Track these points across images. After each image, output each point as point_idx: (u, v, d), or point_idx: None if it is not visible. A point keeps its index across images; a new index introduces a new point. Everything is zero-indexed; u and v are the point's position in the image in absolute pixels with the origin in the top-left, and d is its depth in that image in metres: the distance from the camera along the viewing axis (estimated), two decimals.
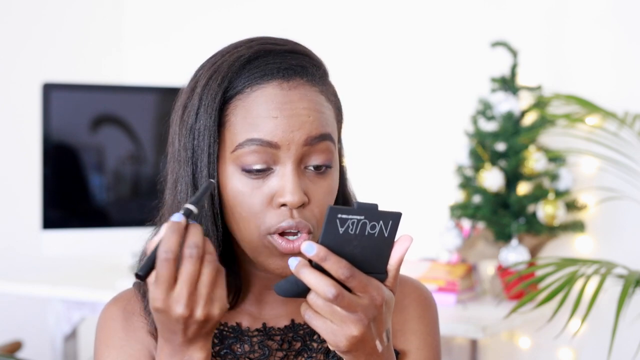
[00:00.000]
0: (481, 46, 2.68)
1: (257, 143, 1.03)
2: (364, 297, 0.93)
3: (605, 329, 2.09)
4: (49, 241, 2.68)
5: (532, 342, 2.71)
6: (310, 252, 0.91)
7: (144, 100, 2.77)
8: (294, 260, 0.93)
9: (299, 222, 1.03)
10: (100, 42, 3.50)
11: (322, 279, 0.91)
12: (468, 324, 2.14)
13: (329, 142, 1.06)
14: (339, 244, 0.92)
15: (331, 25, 3.07)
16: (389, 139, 2.98)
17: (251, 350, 1.10)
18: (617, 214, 2.57)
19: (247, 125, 1.04)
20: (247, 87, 1.05)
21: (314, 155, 1.05)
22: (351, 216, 0.91)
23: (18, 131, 3.18)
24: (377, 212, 0.93)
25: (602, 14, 2.66)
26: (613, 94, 2.57)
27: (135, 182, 2.77)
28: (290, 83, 1.05)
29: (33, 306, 3.09)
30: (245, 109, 1.04)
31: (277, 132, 1.03)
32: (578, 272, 1.85)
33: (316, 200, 1.05)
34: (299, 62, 1.07)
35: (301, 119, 1.04)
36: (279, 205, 1.03)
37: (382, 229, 0.93)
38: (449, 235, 2.46)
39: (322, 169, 1.06)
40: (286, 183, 1.03)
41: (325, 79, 1.10)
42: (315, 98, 1.06)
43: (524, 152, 2.46)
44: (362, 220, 0.92)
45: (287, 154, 1.03)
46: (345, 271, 0.91)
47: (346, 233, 0.92)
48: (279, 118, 1.03)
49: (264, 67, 1.05)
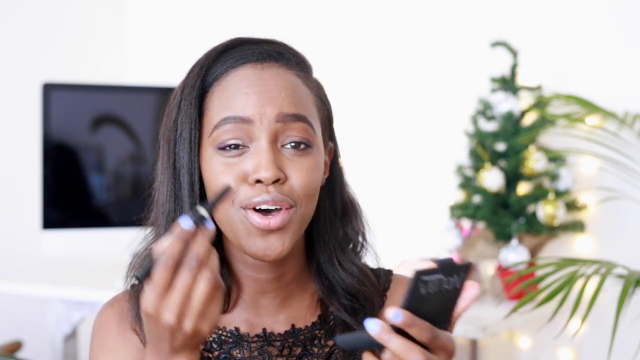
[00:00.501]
0: (481, 46, 2.68)
1: (230, 121, 1.03)
2: (440, 354, 0.90)
3: (605, 329, 2.09)
4: (49, 241, 2.68)
5: (532, 342, 2.71)
6: (397, 319, 0.88)
7: (144, 100, 2.77)
8: (376, 324, 0.88)
9: (276, 196, 1.02)
10: (100, 42, 3.50)
11: (412, 348, 0.88)
12: (468, 324, 2.13)
13: (305, 124, 1.05)
14: (419, 305, 0.90)
15: (331, 26, 3.07)
16: (389, 139, 2.98)
17: (250, 356, 1.09)
18: (617, 214, 2.57)
19: (222, 107, 1.04)
20: (223, 72, 1.06)
21: (290, 133, 1.04)
22: (432, 277, 0.90)
23: (18, 131, 3.18)
24: (453, 267, 0.91)
25: (602, 14, 2.66)
26: (613, 94, 2.57)
27: (135, 182, 2.77)
28: (264, 64, 1.06)
29: (33, 306, 3.09)
30: (221, 92, 1.05)
31: (247, 107, 1.03)
32: (578, 272, 1.85)
33: (296, 177, 1.04)
34: (274, 48, 1.08)
35: (272, 94, 1.04)
36: (254, 181, 1.02)
37: (455, 282, 0.92)
38: (449, 235, 2.46)
39: (300, 146, 1.05)
40: (261, 159, 1.02)
41: (307, 70, 1.10)
42: (289, 78, 1.07)
43: (524, 152, 2.46)
44: (440, 277, 0.90)
45: (260, 128, 1.03)
46: (429, 334, 0.89)
47: (427, 293, 0.90)
48: (249, 94, 1.04)
49: (239, 53, 1.07)
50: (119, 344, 1.10)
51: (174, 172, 1.07)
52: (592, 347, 2.59)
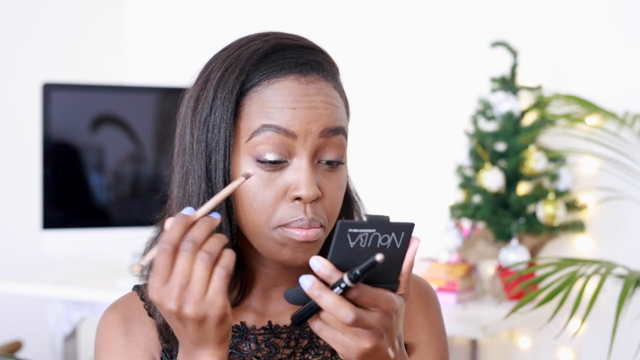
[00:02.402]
0: (481, 46, 2.68)
1: (273, 130, 1.02)
2: (375, 310, 0.92)
3: (605, 329, 2.09)
4: (49, 241, 2.68)
5: (532, 342, 2.71)
6: (315, 267, 0.91)
7: (144, 100, 2.77)
8: (307, 280, 0.91)
9: (312, 220, 1.02)
10: (100, 42, 3.50)
11: (339, 304, 0.90)
12: (468, 324, 2.13)
13: (342, 135, 1.06)
14: (349, 258, 0.90)
15: (331, 26, 3.07)
16: (389, 138, 2.98)
17: (258, 348, 1.10)
18: (617, 214, 2.57)
19: (263, 114, 1.03)
20: (264, 79, 1.04)
21: (328, 150, 1.05)
22: (362, 230, 0.90)
23: (18, 131, 3.18)
24: (389, 225, 0.91)
25: (602, 14, 2.66)
26: (613, 94, 2.58)
27: (135, 182, 2.77)
28: (307, 77, 1.05)
29: (33, 306, 3.09)
30: (262, 100, 1.04)
31: (294, 122, 1.02)
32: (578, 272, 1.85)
33: (328, 195, 1.05)
34: (315, 57, 1.07)
35: (318, 112, 1.04)
36: (293, 198, 1.02)
37: (394, 240, 0.92)
38: (449, 235, 2.46)
39: (334, 164, 1.06)
40: (301, 176, 1.02)
41: (338, 76, 1.11)
42: (330, 93, 1.06)
43: (524, 152, 2.46)
44: (374, 233, 0.90)
45: (304, 145, 1.03)
46: (355, 292, 0.91)
47: (357, 247, 0.90)
48: (297, 109, 1.03)
49: (281, 60, 1.05)
50: (123, 345, 1.09)
51: (207, 174, 1.05)
52: (592, 347, 2.59)
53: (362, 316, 0.91)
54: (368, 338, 0.92)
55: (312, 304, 0.92)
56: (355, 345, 0.92)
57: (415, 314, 1.16)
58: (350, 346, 0.92)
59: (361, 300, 0.91)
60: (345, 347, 0.92)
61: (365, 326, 0.91)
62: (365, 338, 0.92)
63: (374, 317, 0.92)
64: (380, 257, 0.88)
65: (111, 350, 1.09)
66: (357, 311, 0.90)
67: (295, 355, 1.11)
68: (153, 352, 1.09)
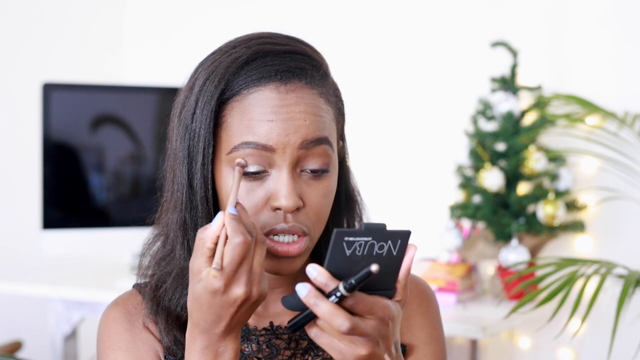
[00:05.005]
0: (481, 46, 2.68)
1: (252, 146, 1.02)
2: (371, 318, 0.93)
3: (605, 329, 2.09)
4: (49, 241, 2.68)
5: (532, 342, 2.71)
6: (311, 275, 0.92)
7: (144, 100, 2.77)
8: (304, 287, 0.92)
9: (293, 226, 1.03)
10: (100, 42, 3.50)
11: (335, 312, 0.91)
12: (468, 324, 2.13)
13: (326, 145, 1.05)
14: (346, 266, 0.91)
15: (331, 26, 3.07)
16: (389, 138, 2.98)
17: (259, 349, 1.10)
18: (617, 214, 2.57)
19: (243, 128, 1.03)
20: (243, 89, 1.04)
21: (311, 159, 1.04)
22: (358, 238, 0.90)
23: (18, 131, 3.18)
24: (385, 232, 0.91)
25: (602, 14, 2.66)
26: (613, 94, 2.57)
27: (135, 182, 2.77)
28: (288, 86, 1.04)
29: (33, 306, 3.09)
30: (242, 111, 1.03)
31: (272, 136, 1.02)
32: (578, 272, 1.85)
33: (311, 203, 1.04)
34: (297, 63, 1.05)
35: (297, 123, 1.03)
36: (273, 208, 1.03)
37: (390, 248, 0.92)
38: (449, 235, 2.46)
39: (318, 173, 1.05)
40: (281, 187, 1.03)
41: (326, 79, 1.08)
42: (312, 101, 1.05)
43: (524, 152, 2.46)
44: (370, 241, 0.91)
45: (283, 157, 1.03)
46: (352, 300, 0.92)
47: (353, 255, 0.90)
48: (274, 122, 1.02)
49: (261, 69, 1.04)
50: (127, 340, 1.09)
51: (189, 181, 1.06)
52: (592, 347, 2.59)
53: (358, 324, 0.92)
54: (364, 345, 0.93)
55: (308, 311, 0.93)
56: (352, 352, 0.93)
57: (414, 315, 1.16)
58: (346, 353, 0.93)
59: (357, 308, 0.92)
60: (341, 354, 0.93)
61: (361, 334, 0.92)
62: (361, 345, 0.93)
63: (370, 324, 0.93)
64: (375, 268, 0.88)
65: (116, 346, 1.09)
66: (353, 319, 0.91)
67: (296, 357, 1.11)
68: (157, 348, 1.10)
